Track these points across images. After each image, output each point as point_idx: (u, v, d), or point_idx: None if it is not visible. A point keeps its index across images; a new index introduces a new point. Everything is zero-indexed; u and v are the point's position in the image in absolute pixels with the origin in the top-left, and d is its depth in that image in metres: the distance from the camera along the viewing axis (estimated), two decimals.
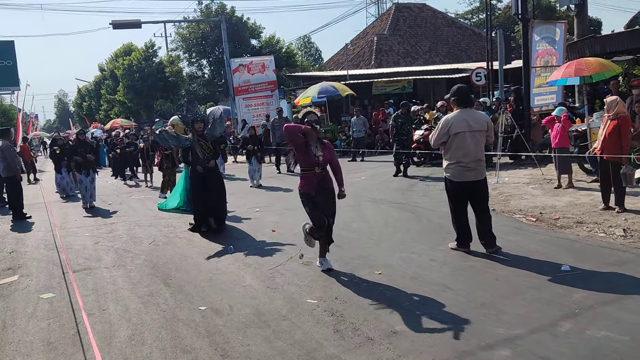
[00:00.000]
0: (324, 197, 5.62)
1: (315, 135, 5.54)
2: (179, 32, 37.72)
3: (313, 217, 5.61)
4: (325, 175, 5.64)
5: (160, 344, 4.26)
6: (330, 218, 5.68)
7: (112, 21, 21.77)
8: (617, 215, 7.31)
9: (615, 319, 4.08)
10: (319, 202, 5.59)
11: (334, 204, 5.72)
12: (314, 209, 5.59)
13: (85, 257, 7.20)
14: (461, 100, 6.06)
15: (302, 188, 5.66)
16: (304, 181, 5.62)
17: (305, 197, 5.62)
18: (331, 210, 5.68)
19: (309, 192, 5.58)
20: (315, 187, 5.56)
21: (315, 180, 5.57)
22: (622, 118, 7.47)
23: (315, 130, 5.52)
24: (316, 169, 5.52)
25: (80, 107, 57.81)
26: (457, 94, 6.10)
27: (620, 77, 13.00)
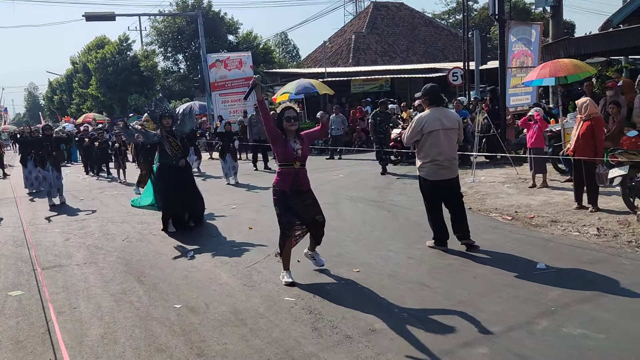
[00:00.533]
0: (298, 196, 5.34)
1: (294, 130, 5.45)
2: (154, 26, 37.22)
3: (280, 222, 5.32)
4: (302, 172, 5.40)
5: (133, 343, 4.15)
6: (317, 216, 5.42)
7: (85, 13, 21.31)
8: (590, 215, 7.42)
9: (591, 316, 4.12)
10: (292, 205, 5.30)
11: (313, 202, 5.45)
12: (283, 213, 5.30)
13: (56, 254, 7.00)
14: (433, 99, 6.09)
15: (276, 184, 5.36)
16: (280, 177, 5.34)
17: (279, 195, 5.32)
18: (312, 209, 5.41)
19: (283, 189, 5.31)
20: (290, 184, 5.29)
21: (292, 176, 5.30)
22: (595, 119, 7.59)
23: (292, 125, 5.42)
24: (295, 163, 5.35)
25: (51, 101, 56.51)
26: (429, 93, 6.12)
27: (594, 79, 13.26)
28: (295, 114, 5.41)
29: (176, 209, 7.94)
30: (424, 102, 6.19)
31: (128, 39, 40.19)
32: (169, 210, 7.94)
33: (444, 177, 6.03)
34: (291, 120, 5.34)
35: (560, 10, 14.68)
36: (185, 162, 8.06)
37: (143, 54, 37.91)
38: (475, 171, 11.19)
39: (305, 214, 5.39)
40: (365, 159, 15.70)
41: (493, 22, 39.82)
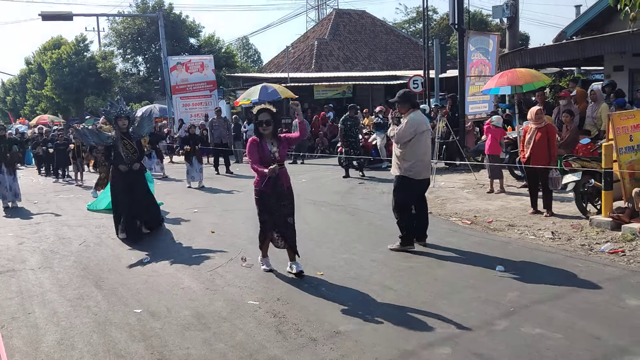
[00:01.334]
0: (277, 197, 5.47)
1: (270, 132, 5.44)
2: (113, 27, 36.36)
3: (260, 220, 5.57)
4: (282, 173, 5.47)
5: (91, 349, 4.03)
6: (288, 217, 5.53)
7: (41, 12, 20.70)
8: (545, 219, 7.66)
9: (549, 317, 4.25)
10: (270, 204, 5.45)
11: (290, 204, 5.57)
12: (263, 212, 5.52)
13: (8, 259, 6.74)
14: (413, 102, 6.37)
15: (257, 184, 5.50)
16: (261, 178, 5.43)
17: (259, 195, 5.48)
18: (287, 210, 5.53)
19: (262, 190, 5.43)
20: (269, 185, 5.39)
21: (270, 178, 5.36)
22: (548, 126, 7.86)
23: (265, 129, 5.39)
24: (272, 165, 5.36)
25: (4, 102, 54.50)
26: (407, 96, 6.36)
27: (548, 89, 13.73)
28: (268, 118, 5.42)
29: (126, 213, 7.59)
30: (404, 106, 6.30)
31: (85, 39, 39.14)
32: (120, 213, 7.65)
33: (426, 177, 6.36)
34: (263, 124, 5.41)
35: (516, 21, 15.14)
36: (140, 165, 7.77)
37: (101, 55, 37.02)
38: (436, 176, 11.38)
39: (278, 213, 5.49)
40: (328, 164, 15.77)
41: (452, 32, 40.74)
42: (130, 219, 7.59)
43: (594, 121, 10.40)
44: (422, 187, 6.43)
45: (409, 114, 6.24)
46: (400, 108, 6.38)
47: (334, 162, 14.72)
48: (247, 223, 8.19)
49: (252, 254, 6.36)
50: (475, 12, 38.58)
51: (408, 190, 6.31)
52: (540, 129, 7.82)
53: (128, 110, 7.80)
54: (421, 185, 6.37)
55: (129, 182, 7.57)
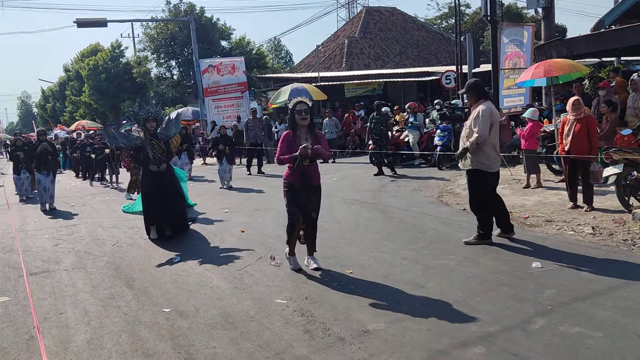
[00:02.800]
0: (306, 192, 5.42)
1: (305, 125, 5.37)
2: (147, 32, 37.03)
3: (288, 212, 5.49)
4: (312, 169, 5.43)
5: (120, 348, 4.03)
6: (313, 213, 5.52)
7: (76, 19, 21.18)
8: (585, 214, 7.36)
9: (588, 315, 4.04)
10: (299, 197, 5.41)
11: (317, 200, 5.54)
12: (291, 204, 5.44)
13: (44, 260, 6.87)
14: (482, 93, 6.18)
15: (286, 177, 5.47)
16: (291, 172, 5.41)
17: (288, 187, 5.44)
18: (313, 205, 5.50)
19: (292, 182, 5.39)
20: (299, 180, 5.36)
21: (300, 172, 5.35)
22: (588, 117, 7.55)
23: (304, 119, 5.34)
24: (304, 161, 5.31)
25: (44, 109, 56.32)
26: (475, 86, 6.20)
27: (587, 80, 13.25)
28: (306, 107, 5.37)
29: (156, 214, 7.64)
30: (472, 96, 6.18)
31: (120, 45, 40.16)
32: (150, 214, 7.70)
33: (498, 169, 6.22)
34: (302, 113, 5.34)
35: (551, 11, 14.64)
36: (167, 166, 7.77)
37: (136, 60, 37.81)
38: None
39: (305, 208, 5.46)
40: (359, 162, 15.64)
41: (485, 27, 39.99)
42: (160, 219, 7.65)
43: (635, 112, 9.96)
44: (495, 180, 6.25)
45: (479, 105, 6.06)
46: (469, 98, 6.24)
47: (365, 160, 14.57)
48: (277, 222, 8.16)
49: (281, 252, 6.29)
50: (509, 5, 37.71)
51: (482, 184, 6.17)
52: (579, 119, 7.52)
53: (156, 112, 7.80)
54: (494, 177, 6.20)
55: (158, 182, 7.60)
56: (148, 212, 7.69)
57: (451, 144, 13.32)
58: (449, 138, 13.26)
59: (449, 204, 8.99)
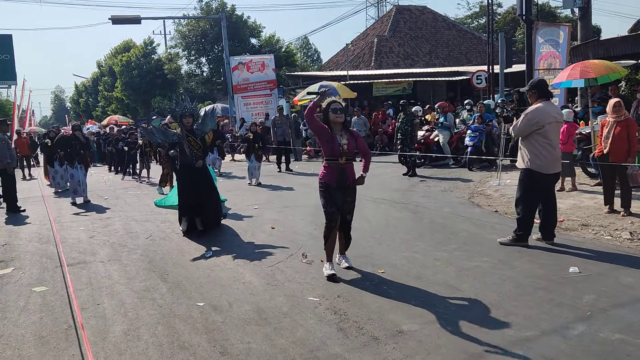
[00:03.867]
0: (342, 192, 5.33)
1: (340, 123, 5.34)
2: (179, 29, 37.56)
3: (326, 213, 5.37)
4: (349, 167, 5.34)
5: (156, 340, 4.10)
6: (348, 215, 5.44)
7: (111, 16, 21.60)
8: (622, 219, 7.19)
9: (629, 322, 3.95)
10: (336, 198, 5.31)
11: (352, 201, 5.45)
12: (329, 204, 5.32)
13: (80, 251, 7.03)
14: (543, 92, 6.10)
15: (322, 177, 5.37)
16: (326, 171, 5.34)
17: (325, 187, 5.34)
18: (349, 207, 5.41)
19: (328, 183, 5.31)
20: (336, 179, 5.28)
21: (337, 171, 5.28)
22: (628, 120, 7.38)
23: (339, 117, 5.27)
24: (340, 159, 5.26)
25: (77, 104, 57.56)
26: (537, 87, 6.14)
27: (623, 82, 12.93)
28: (341, 106, 5.31)
29: (190, 208, 7.74)
30: (532, 95, 6.16)
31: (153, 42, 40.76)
32: (183, 208, 7.79)
33: (555, 171, 6.08)
34: (337, 112, 5.27)
35: (589, 11, 14.32)
36: (203, 163, 7.83)
37: (167, 57, 38.34)
38: (501, 174, 10.98)
39: (341, 209, 5.38)
40: (388, 161, 15.56)
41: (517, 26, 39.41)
42: (194, 214, 7.75)
43: None
44: (549, 182, 6.14)
45: (535, 104, 6.03)
46: (530, 96, 6.21)
47: (394, 159, 14.49)
48: (307, 219, 8.20)
49: (312, 249, 6.33)
50: (543, 4, 37.03)
51: (532, 184, 6.09)
52: (619, 122, 7.34)
53: (192, 108, 7.88)
54: (548, 180, 6.09)
55: (193, 178, 7.69)
56: (182, 207, 7.79)
57: (482, 145, 13.17)
58: (480, 139, 13.10)
59: (481, 205, 8.88)
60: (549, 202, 6.21)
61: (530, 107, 6.13)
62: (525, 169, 6.13)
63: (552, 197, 6.26)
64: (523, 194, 6.19)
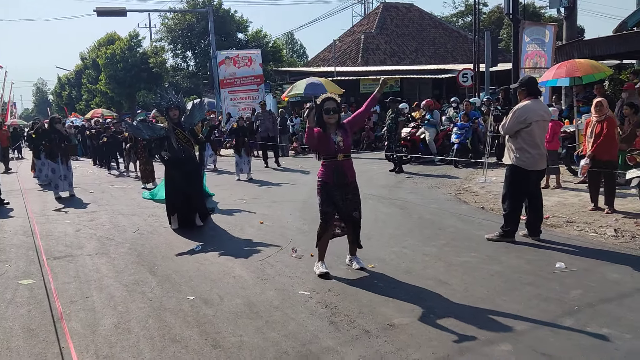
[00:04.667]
0: (341, 190, 5.23)
1: (332, 123, 5.24)
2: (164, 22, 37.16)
3: (321, 212, 5.28)
4: (347, 164, 5.27)
5: (147, 333, 4.08)
6: (354, 212, 5.31)
7: (96, 8, 21.30)
8: (606, 216, 7.31)
9: (616, 316, 4.02)
10: (334, 196, 5.21)
11: (355, 197, 5.34)
12: (325, 203, 5.23)
13: (66, 245, 6.95)
14: (531, 90, 6.17)
15: (320, 176, 5.28)
16: (324, 169, 5.26)
17: (322, 185, 5.25)
18: (351, 204, 5.29)
19: (326, 181, 5.22)
20: (334, 176, 5.19)
21: (335, 168, 5.19)
22: (608, 119, 7.49)
23: (331, 118, 5.17)
24: (338, 156, 5.20)
25: (60, 97, 56.74)
26: (527, 84, 6.21)
27: (607, 82, 13.13)
28: (334, 105, 5.19)
29: (178, 204, 7.65)
30: (521, 92, 6.23)
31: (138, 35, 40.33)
32: (172, 204, 7.70)
33: (540, 168, 6.17)
34: (330, 112, 5.16)
35: (574, 11, 14.49)
36: (191, 155, 7.74)
37: (152, 50, 37.96)
38: (487, 171, 11.08)
39: (344, 207, 5.26)
40: (374, 157, 15.62)
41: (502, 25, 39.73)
42: (184, 210, 7.67)
43: None
44: (534, 179, 6.22)
45: (523, 102, 6.11)
46: (519, 94, 6.28)
47: (380, 155, 14.55)
48: (295, 214, 8.21)
49: (302, 244, 6.35)
50: (527, 4, 37.38)
51: (519, 181, 6.16)
52: (600, 121, 7.47)
53: (178, 100, 7.76)
54: (533, 176, 6.17)
55: (181, 171, 7.61)
56: (170, 202, 7.71)
57: (468, 142, 13.27)
58: (466, 136, 13.20)
59: (467, 201, 8.96)
60: (534, 198, 6.30)
61: (518, 104, 6.20)
62: (511, 166, 6.20)
63: (538, 194, 6.35)
64: (509, 191, 6.26)
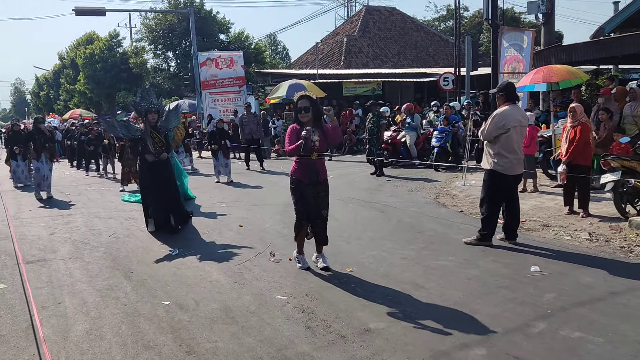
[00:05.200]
0: (314, 187, 5.31)
1: (308, 120, 5.25)
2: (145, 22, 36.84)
3: (296, 210, 5.38)
4: (319, 163, 5.32)
5: (120, 339, 4.02)
6: (323, 210, 5.39)
7: (75, 7, 21.03)
8: (581, 220, 7.41)
9: (588, 320, 4.07)
10: (307, 194, 5.29)
11: (326, 195, 5.42)
12: (300, 202, 5.33)
13: (40, 248, 6.83)
14: (510, 96, 6.22)
15: (293, 173, 5.34)
16: (297, 166, 5.31)
17: (296, 184, 5.32)
18: (323, 201, 5.38)
19: (300, 179, 5.29)
20: (307, 174, 5.26)
21: (308, 167, 5.25)
22: (581, 124, 7.59)
23: (304, 117, 5.23)
24: (312, 154, 5.23)
25: (38, 97, 55.81)
26: (505, 89, 6.27)
27: (583, 87, 13.32)
28: (306, 104, 5.25)
29: (155, 207, 7.56)
30: (500, 98, 6.28)
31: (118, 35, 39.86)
32: (149, 207, 7.62)
33: (517, 172, 6.25)
34: (302, 111, 5.25)
35: (552, 17, 14.70)
36: (168, 158, 7.66)
37: (133, 50, 37.57)
38: (466, 175, 11.17)
39: (315, 205, 5.34)
40: (356, 161, 15.65)
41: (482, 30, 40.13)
42: (159, 213, 7.58)
43: (634, 119, 10.02)
44: (512, 183, 6.28)
45: (501, 107, 6.17)
46: (497, 99, 6.34)
47: (362, 159, 14.58)
48: (275, 218, 8.17)
49: (281, 248, 6.32)
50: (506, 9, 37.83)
51: (497, 185, 6.20)
52: (574, 126, 7.58)
53: (158, 104, 7.67)
54: (510, 181, 6.23)
55: (157, 175, 7.51)
56: (146, 205, 7.62)
57: (448, 146, 13.37)
58: (446, 140, 13.30)
59: (446, 205, 9.02)
60: (512, 202, 6.36)
61: (497, 110, 6.26)
62: (489, 170, 6.25)
63: (515, 198, 6.41)
64: (487, 195, 6.32)
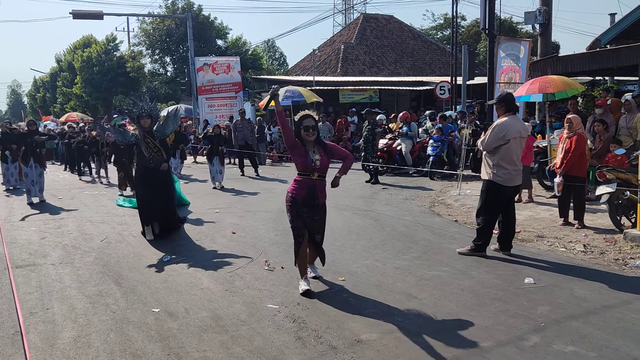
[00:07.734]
0: (311, 210, 5.10)
1: (311, 140, 5.12)
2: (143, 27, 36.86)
3: (293, 228, 5.11)
4: (319, 184, 5.14)
5: (108, 347, 3.95)
6: (317, 235, 5.19)
7: (72, 10, 20.97)
8: (576, 231, 7.40)
9: (582, 334, 4.03)
10: (304, 214, 5.08)
11: (321, 220, 5.21)
12: (296, 219, 5.09)
13: (30, 253, 6.75)
14: (510, 106, 6.20)
15: (290, 192, 5.13)
16: (296, 185, 5.12)
17: (292, 202, 5.09)
18: (317, 226, 5.17)
19: (296, 197, 5.08)
20: (304, 194, 5.06)
21: (307, 186, 5.07)
22: (577, 135, 7.59)
23: (310, 135, 5.07)
24: (313, 174, 5.08)
25: (35, 99, 55.68)
26: (505, 100, 6.24)
27: (580, 98, 13.37)
28: (313, 123, 5.09)
29: (150, 213, 7.47)
30: (500, 108, 6.25)
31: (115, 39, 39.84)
32: (144, 214, 7.51)
33: (516, 184, 6.21)
34: (309, 130, 5.06)
35: (549, 28, 14.77)
36: (167, 166, 7.58)
37: (130, 54, 37.55)
38: (461, 184, 11.15)
39: (310, 227, 5.12)
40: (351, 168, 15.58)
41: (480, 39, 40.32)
42: (154, 219, 7.51)
43: (629, 131, 10.06)
44: (510, 194, 6.27)
45: (502, 118, 6.15)
46: (497, 109, 6.31)
47: (357, 166, 14.53)
48: (269, 225, 8.12)
49: (274, 256, 6.27)
50: (504, 19, 38.04)
51: (495, 196, 6.17)
52: (570, 137, 7.58)
53: (150, 108, 7.56)
54: (509, 192, 6.21)
55: (152, 181, 7.44)
56: (143, 212, 7.52)
57: (444, 155, 13.36)
58: (442, 149, 13.29)
59: (441, 214, 8.99)
60: (508, 213, 6.33)
61: (497, 121, 6.24)
62: (488, 181, 6.23)
63: (512, 209, 6.39)
64: (484, 205, 6.29)
